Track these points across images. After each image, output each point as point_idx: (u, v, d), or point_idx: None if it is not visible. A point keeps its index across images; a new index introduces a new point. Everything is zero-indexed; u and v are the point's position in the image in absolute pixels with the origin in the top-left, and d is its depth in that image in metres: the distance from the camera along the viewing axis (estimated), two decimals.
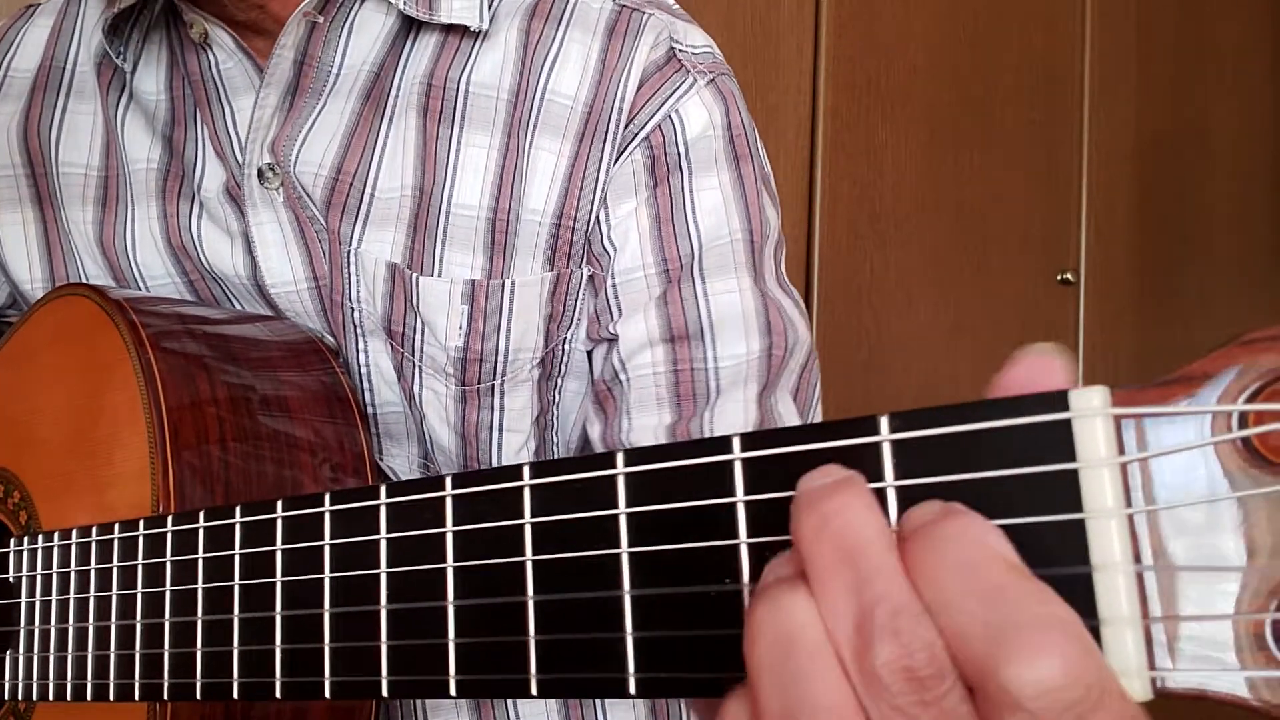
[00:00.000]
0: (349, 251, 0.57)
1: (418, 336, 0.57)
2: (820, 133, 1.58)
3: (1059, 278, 1.87)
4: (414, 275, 0.56)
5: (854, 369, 1.63)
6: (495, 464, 0.60)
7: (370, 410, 0.59)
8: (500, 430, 0.59)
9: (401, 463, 0.61)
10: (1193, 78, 2.06)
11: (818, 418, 0.61)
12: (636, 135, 0.56)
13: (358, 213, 0.56)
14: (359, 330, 0.58)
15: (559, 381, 0.60)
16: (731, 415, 0.55)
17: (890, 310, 1.67)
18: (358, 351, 0.58)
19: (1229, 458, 0.17)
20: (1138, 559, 0.17)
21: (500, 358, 0.57)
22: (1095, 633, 0.18)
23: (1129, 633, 0.17)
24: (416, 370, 0.57)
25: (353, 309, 0.57)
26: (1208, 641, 0.17)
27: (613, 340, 0.57)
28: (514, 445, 0.59)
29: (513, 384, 0.58)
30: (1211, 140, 2.09)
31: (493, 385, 0.57)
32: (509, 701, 0.62)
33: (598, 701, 0.63)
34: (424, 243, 0.56)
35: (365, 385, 0.59)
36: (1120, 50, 1.94)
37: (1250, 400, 0.17)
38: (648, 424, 0.55)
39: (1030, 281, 1.84)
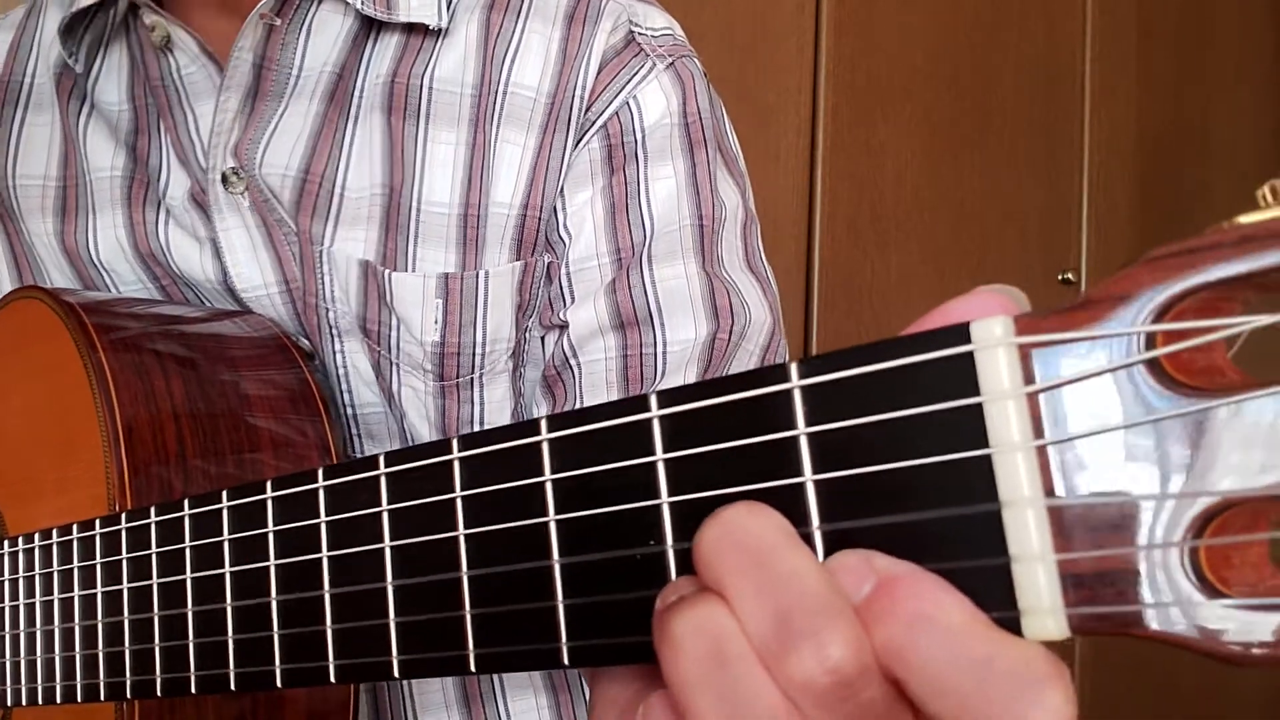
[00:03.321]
0: (321, 251, 0.56)
1: (394, 334, 0.56)
2: (820, 133, 1.57)
3: (1060, 277, 1.86)
4: (386, 272, 0.55)
5: None
6: None
7: (350, 411, 0.59)
8: (481, 424, 0.58)
9: None
10: (1194, 77, 2.05)
11: None
12: (594, 123, 0.56)
13: (328, 212, 0.56)
14: (334, 331, 0.57)
15: (522, 371, 0.59)
16: None
17: (891, 310, 1.66)
18: (334, 353, 0.57)
19: (1140, 382, 0.16)
20: (1050, 492, 0.17)
21: (478, 350, 0.56)
22: (1006, 571, 0.17)
23: (1040, 569, 0.17)
24: (394, 368, 0.57)
25: (327, 309, 0.57)
26: (1126, 575, 0.16)
27: (563, 327, 0.56)
28: None
29: (491, 376, 0.57)
30: (1212, 139, 2.09)
31: (471, 379, 0.57)
32: (499, 699, 0.62)
33: (588, 690, 0.63)
34: (397, 240, 0.56)
35: (344, 386, 0.58)
36: (1121, 49, 1.93)
37: (1157, 320, 0.16)
38: None
39: (1031, 281, 1.83)
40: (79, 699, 0.46)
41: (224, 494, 0.38)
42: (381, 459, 0.30)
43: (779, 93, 1.53)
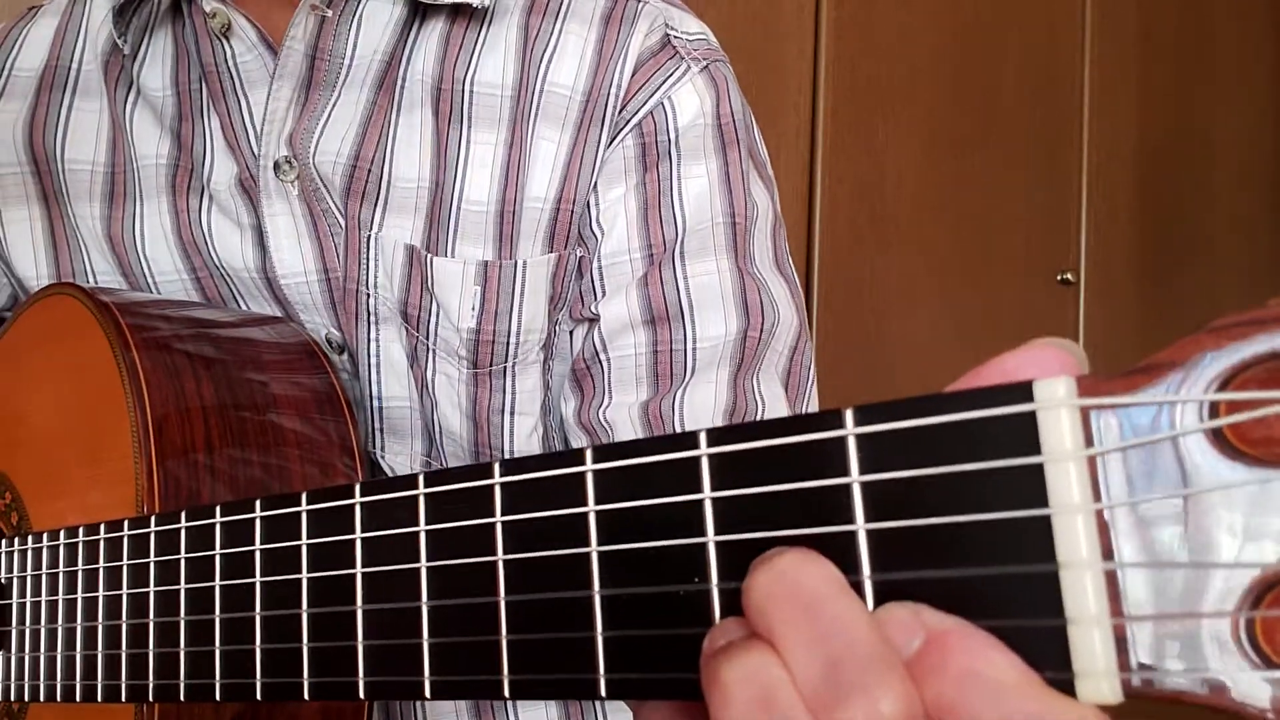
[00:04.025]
0: (369, 236, 0.57)
1: (432, 319, 0.57)
2: (820, 134, 1.57)
3: (1059, 278, 1.86)
4: (429, 256, 0.56)
5: (855, 370, 1.62)
6: (507, 449, 0.60)
7: (376, 404, 0.60)
8: (512, 414, 0.59)
9: (403, 460, 0.61)
10: (1193, 77, 2.05)
11: (813, 404, 0.61)
12: (629, 121, 0.57)
13: (377, 198, 0.57)
14: (373, 318, 0.58)
15: (551, 364, 0.60)
16: (703, 396, 0.55)
17: (891, 311, 1.66)
18: (369, 341, 0.58)
19: (1201, 449, 0.16)
20: (1108, 555, 0.17)
21: (511, 339, 0.57)
22: (1061, 632, 0.17)
23: (1096, 633, 0.17)
24: (430, 354, 0.58)
25: (368, 296, 0.58)
26: (1181, 641, 0.16)
27: (593, 320, 0.57)
28: (525, 429, 0.60)
29: (522, 366, 0.58)
30: (1212, 140, 2.09)
31: (504, 368, 0.58)
32: (509, 708, 0.62)
33: (597, 702, 0.63)
34: (438, 233, 0.57)
35: (373, 378, 0.59)
36: (1120, 50, 1.93)
37: (1221, 388, 0.16)
38: (624, 401, 0.56)
39: (1030, 282, 1.83)
40: (99, 699, 0.46)
41: (258, 504, 0.38)
42: (421, 479, 0.30)
43: (779, 93, 1.53)
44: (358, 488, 0.32)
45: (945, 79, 1.70)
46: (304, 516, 0.35)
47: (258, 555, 0.37)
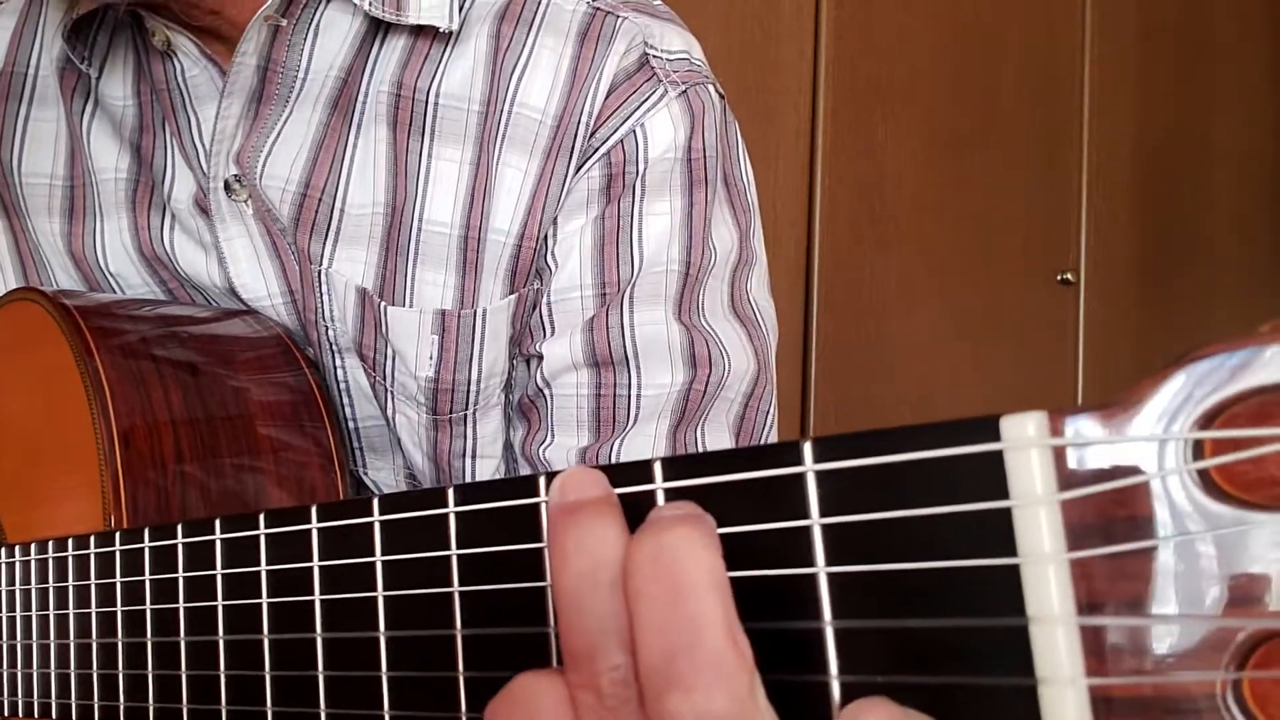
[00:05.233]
0: (319, 271, 0.55)
1: (389, 363, 0.55)
2: (820, 134, 1.56)
3: (1059, 278, 1.85)
4: (383, 305, 0.54)
5: (854, 370, 1.61)
6: None
7: (351, 425, 0.58)
8: (473, 458, 0.57)
9: (386, 475, 0.59)
10: (1193, 77, 2.04)
11: None
12: (597, 150, 0.54)
13: (327, 230, 0.55)
14: (334, 347, 0.56)
15: (510, 399, 0.58)
16: (639, 447, 0.54)
17: (891, 311, 1.65)
18: (335, 367, 0.57)
19: (1185, 491, 0.15)
20: (1084, 609, 0.15)
21: (472, 387, 0.55)
22: (1032, 693, 0.16)
23: (1070, 694, 0.15)
24: (389, 395, 0.56)
25: (327, 327, 0.56)
26: (1160, 703, 0.15)
27: (540, 358, 0.55)
28: (486, 471, 0.58)
29: (484, 411, 0.57)
30: (1212, 139, 2.08)
31: (464, 415, 0.56)
32: None
33: None
34: (396, 263, 0.54)
35: (345, 400, 0.57)
36: (1120, 50, 1.92)
37: (1206, 425, 0.15)
38: (565, 443, 0.54)
39: (1030, 282, 1.82)
40: (74, 718, 0.45)
41: (217, 524, 0.37)
42: (376, 505, 0.29)
43: (779, 93, 1.52)
44: (314, 511, 0.31)
45: (945, 79, 1.69)
46: (262, 540, 0.34)
47: (219, 579, 0.36)
